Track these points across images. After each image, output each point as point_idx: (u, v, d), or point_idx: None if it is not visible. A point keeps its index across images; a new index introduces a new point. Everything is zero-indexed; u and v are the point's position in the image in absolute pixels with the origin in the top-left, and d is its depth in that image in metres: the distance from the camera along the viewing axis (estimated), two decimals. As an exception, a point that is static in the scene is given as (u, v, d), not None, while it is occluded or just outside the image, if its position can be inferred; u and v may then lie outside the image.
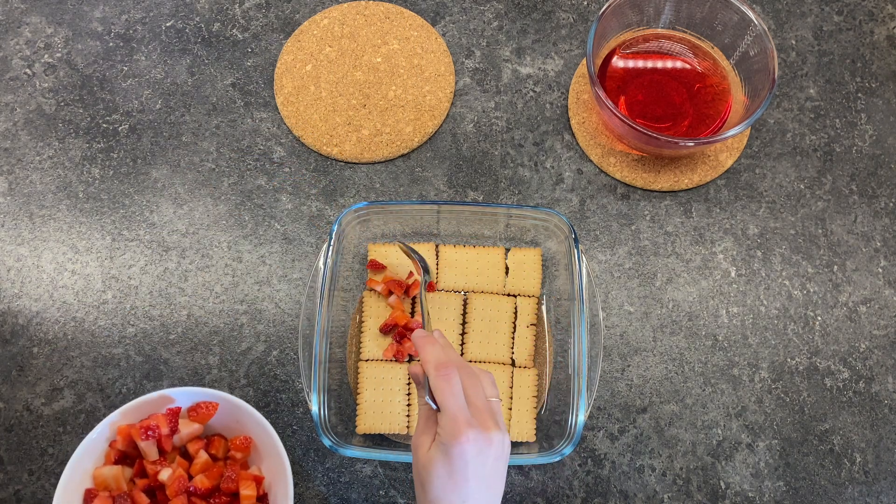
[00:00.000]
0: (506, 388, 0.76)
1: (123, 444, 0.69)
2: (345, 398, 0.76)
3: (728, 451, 0.76)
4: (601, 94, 0.75)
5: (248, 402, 0.77)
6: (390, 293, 0.78)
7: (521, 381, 0.76)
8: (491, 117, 0.86)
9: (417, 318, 0.77)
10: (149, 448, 0.68)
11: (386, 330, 0.77)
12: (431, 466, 0.53)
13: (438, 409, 0.55)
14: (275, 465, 0.69)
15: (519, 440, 0.75)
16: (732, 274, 0.81)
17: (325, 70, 0.87)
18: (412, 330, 0.76)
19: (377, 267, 0.79)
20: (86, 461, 0.69)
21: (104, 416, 0.77)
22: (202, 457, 0.70)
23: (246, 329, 0.79)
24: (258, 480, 0.69)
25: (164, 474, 0.68)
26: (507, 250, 0.80)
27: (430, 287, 0.77)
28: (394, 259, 0.80)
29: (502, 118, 0.86)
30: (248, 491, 0.68)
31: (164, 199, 0.84)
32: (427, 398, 0.55)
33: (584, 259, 0.73)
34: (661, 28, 0.84)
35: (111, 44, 0.89)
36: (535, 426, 0.75)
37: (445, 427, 0.53)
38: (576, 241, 0.74)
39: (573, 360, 0.72)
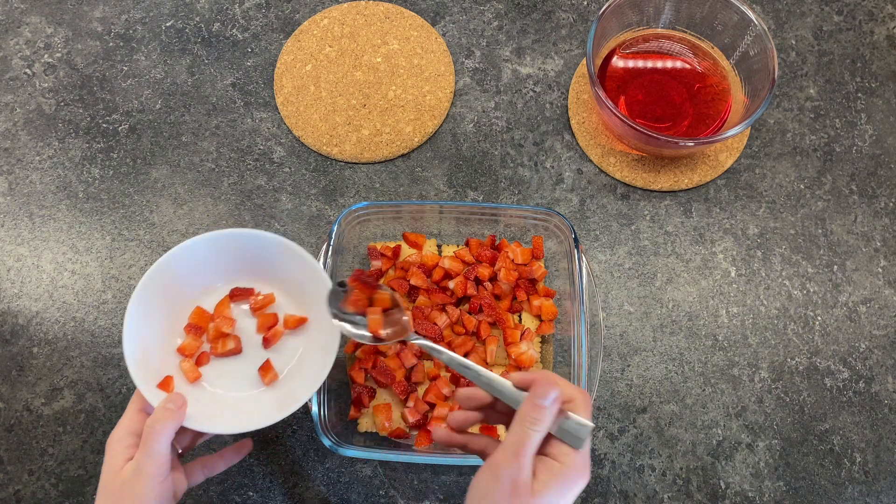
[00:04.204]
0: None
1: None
2: (345, 398, 0.76)
3: (728, 451, 0.76)
4: (601, 94, 0.75)
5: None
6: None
7: (521, 381, 0.76)
8: (491, 117, 0.86)
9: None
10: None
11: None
12: (541, 497, 0.51)
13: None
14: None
15: (519, 440, 0.75)
16: (732, 274, 0.81)
17: (325, 70, 0.87)
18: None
19: (378, 257, 0.78)
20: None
21: (104, 416, 0.77)
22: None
23: (246, 329, 0.79)
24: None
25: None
26: (507, 250, 0.80)
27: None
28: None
29: (502, 118, 0.86)
30: None
31: (164, 199, 0.84)
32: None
33: (584, 259, 0.73)
34: (661, 28, 0.84)
35: (111, 44, 0.89)
36: (535, 426, 0.75)
37: (576, 464, 0.52)
38: (576, 240, 0.74)
39: (573, 360, 0.72)
